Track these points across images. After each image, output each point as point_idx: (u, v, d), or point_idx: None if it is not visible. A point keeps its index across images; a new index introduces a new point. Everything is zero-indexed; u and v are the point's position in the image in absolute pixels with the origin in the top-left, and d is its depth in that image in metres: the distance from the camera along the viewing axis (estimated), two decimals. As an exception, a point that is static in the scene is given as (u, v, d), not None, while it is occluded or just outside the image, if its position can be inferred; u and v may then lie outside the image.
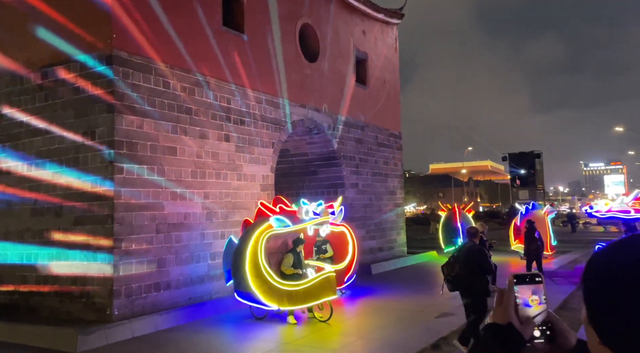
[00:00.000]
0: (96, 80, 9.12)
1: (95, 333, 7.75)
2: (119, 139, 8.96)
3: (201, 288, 10.25)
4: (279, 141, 12.83)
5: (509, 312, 1.06)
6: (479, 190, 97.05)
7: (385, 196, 17.49)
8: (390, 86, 18.54)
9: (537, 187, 37.70)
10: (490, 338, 1.04)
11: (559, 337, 1.05)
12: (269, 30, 12.76)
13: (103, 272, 8.73)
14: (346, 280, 10.57)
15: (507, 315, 1.06)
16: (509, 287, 1.09)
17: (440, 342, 7.27)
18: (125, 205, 8.96)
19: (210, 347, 7.55)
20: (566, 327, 1.07)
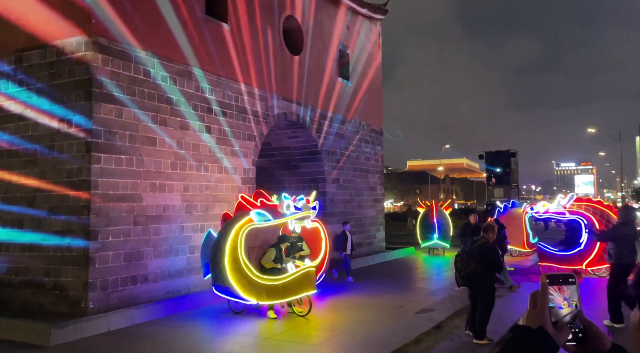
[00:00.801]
0: (74, 66, 8.83)
1: (70, 326, 7.55)
2: (97, 127, 8.71)
3: (179, 281, 10.10)
4: (261, 134, 12.70)
5: (542, 315, 1.02)
6: (454, 187, 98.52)
7: (365, 192, 17.54)
8: (372, 82, 18.56)
9: (512, 185, 38.44)
10: (520, 342, 1.00)
11: (591, 340, 1.02)
12: (252, 21, 12.59)
13: (78, 264, 8.49)
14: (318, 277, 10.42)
15: (540, 319, 1.02)
16: (542, 289, 1.05)
17: (422, 336, 7.32)
18: (103, 195, 8.73)
19: (189, 341, 7.43)
20: (599, 330, 1.04)
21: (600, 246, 11.66)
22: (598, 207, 12.64)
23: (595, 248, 11.89)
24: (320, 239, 10.22)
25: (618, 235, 7.92)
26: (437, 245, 18.01)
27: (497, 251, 7.25)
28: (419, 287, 12.11)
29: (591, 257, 12.00)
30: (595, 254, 11.94)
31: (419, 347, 6.91)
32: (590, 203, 13.01)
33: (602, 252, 11.62)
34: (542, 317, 1.02)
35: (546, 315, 1.02)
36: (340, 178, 16.12)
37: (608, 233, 8.38)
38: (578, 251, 12.13)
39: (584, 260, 12.05)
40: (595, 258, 12.00)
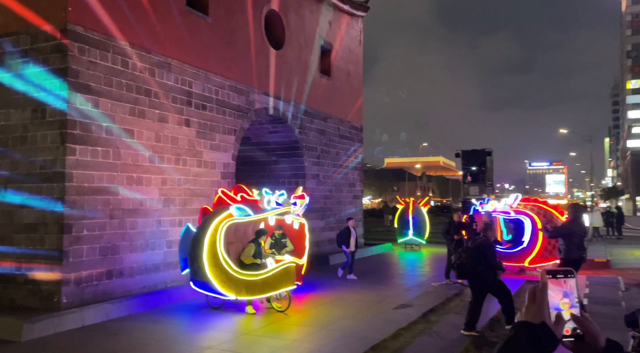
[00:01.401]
0: (48, 55, 8.57)
1: (42, 321, 7.36)
2: (72, 118, 8.49)
3: (156, 276, 9.95)
4: (242, 129, 12.59)
5: (543, 310, 1.02)
6: (431, 185, 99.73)
7: (345, 188, 17.59)
8: (353, 78, 18.59)
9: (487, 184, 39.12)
10: (523, 338, 1.00)
11: (588, 336, 1.02)
12: (234, 14, 12.44)
13: (51, 258, 8.28)
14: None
15: (541, 314, 1.02)
16: (542, 284, 1.05)
17: (400, 332, 7.39)
18: (77, 188, 8.52)
19: (166, 337, 7.34)
20: (596, 326, 1.04)
21: (542, 245, 12.17)
22: (542, 207, 13.18)
23: (536, 247, 12.35)
24: (304, 236, 10.08)
25: (567, 232, 8.36)
26: (413, 241, 18.33)
27: (491, 247, 7.48)
28: (396, 282, 12.23)
29: (533, 254, 12.44)
30: (537, 252, 12.39)
31: (397, 342, 6.97)
32: (536, 203, 13.51)
33: (544, 250, 12.22)
34: (542, 312, 1.02)
35: (546, 309, 1.02)
36: (320, 174, 16.12)
37: (558, 230, 8.81)
38: (521, 249, 12.57)
39: (526, 257, 12.48)
40: (537, 256, 12.44)
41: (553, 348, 1.00)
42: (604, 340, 1.03)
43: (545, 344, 0.99)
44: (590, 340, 1.02)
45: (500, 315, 8.44)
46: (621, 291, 10.40)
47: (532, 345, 0.99)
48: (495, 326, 7.84)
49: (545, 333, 1.00)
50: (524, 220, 12.67)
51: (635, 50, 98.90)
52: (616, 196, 70.30)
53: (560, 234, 8.60)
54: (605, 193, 73.01)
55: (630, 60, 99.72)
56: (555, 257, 12.50)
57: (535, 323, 1.01)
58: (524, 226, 12.67)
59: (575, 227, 8.40)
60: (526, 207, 13.07)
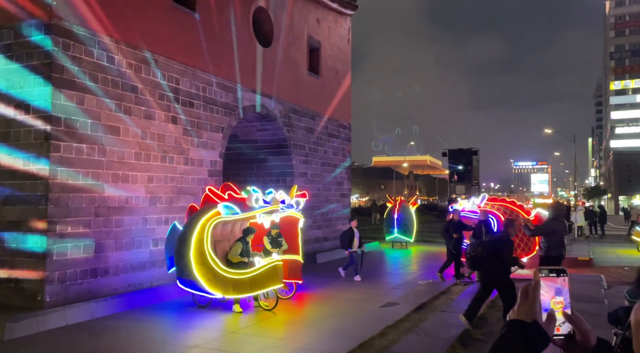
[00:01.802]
0: (32, 50, 8.42)
1: (25, 320, 7.24)
2: (57, 114, 8.36)
3: (142, 275, 9.86)
4: (229, 126, 12.52)
5: (534, 309, 1.02)
6: (418, 183, 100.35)
7: (333, 186, 17.60)
8: (341, 77, 18.60)
9: (473, 183, 39.46)
10: (515, 336, 1.00)
11: (580, 335, 1.03)
12: (222, 11, 12.36)
13: (34, 256, 8.15)
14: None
15: (533, 313, 1.02)
16: (534, 282, 1.05)
17: (387, 330, 7.42)
18: (62, 185, 8.39)
19: (151, 336, 7.27)
20: (586, 325, 1.04)
21: None
22: (509, 207, 13.48)
23: None
24: (296, 235, 10.05)
25: (548, 230, 8.51)
26: (398, 239, 18.54)
27: (507, 244, 7.50)
28: (383, 280, 12.27)
29: None
30: None
31: (384, 339, 7.00)
32: (503, 203, 13.84)
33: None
34: (534, 310, 1.02)
35: (538, 308, 1.03)
36: (308, 173, 16.11)
37: (540, 229, 8.97)
38: None
39: None
40: None
41: (544, 346, 1.01)
42: (595, 338, 1.03)
43: (537, 342, 0.99)
44: (581, 338, 1.03)
45: (486, 313, 8.53)
46: (604, 289, 10.58)
47: (524, 344, 0.99)
48: (481, 324, 7.91)
49: (537, 331, 1.00)
50: (491, 219, 12.93)
51: (619, 51, 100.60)
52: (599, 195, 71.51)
53: (542, 232, 8.74)
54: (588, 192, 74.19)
55: (613, 62, 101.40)
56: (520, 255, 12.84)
57: (527, 322, 1.01)
58: (491, 226, 12.76)
59: (556, 226, 8.55)
60: (493, 207, 13.35)
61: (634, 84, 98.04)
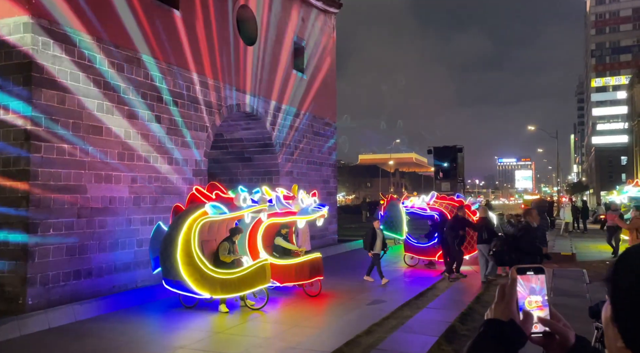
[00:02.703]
0: (11, 49, 8.27)
1: (7, 324, 7.12)
2: (37, 114, 8.22)
3: (126, 276, 9.75)
4: (214, 125, 12.44)
5: (511, 307, 1.02)
6: (404, 181, 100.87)
7: (319, 185, 17.60)
8: (326, 75, 18.59)
9: (458, 179, 39.81)
10: (491, 336, 1.00)
11: (557, 333, 1.02)
12: (205, 9, 12.26)
13: (15, 259, 8.02)
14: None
15: (509, 311, 1.02)
16: (511, 281, 1.05)
17: (374, 327, 7.45)
18: (43, 186, 8.26)
19: (137, 337, 7.20)
20: (562, 326, 1.03)
21: None
22: (454, 205, 13.86)
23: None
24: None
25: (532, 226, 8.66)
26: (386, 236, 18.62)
27: (530, 234, 7.51)
28: (370, 278, 12.31)
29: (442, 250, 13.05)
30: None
31: (370, 337, 7.04)
32: (450, 201, 14.31)
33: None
34: (511, 309, 1.02)
35: (514, 307, 1.02)
36: (294, 171, 16.09)
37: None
38: (432, 244, 13.22)
39: (437, 252, 13.08)
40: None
41: (521, 345, 1.00)
42: (573, 337, 1.03)
43: (513, 341, 0.99)
44: (559, 338, 1.02)
45: (473, 308, 8.61)
46: (586, 283, 10.75)
47: (500, 343, 0.99)
48: (466, 319, 7.99)
49: (513, 330, 1.00)
50: (438, 217, 13.37)
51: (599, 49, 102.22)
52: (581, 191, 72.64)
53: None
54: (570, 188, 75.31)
55: (594, 59, 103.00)
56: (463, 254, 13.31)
57: (503, 321, 1.01)
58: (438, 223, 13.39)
59: (540, 221, 8.71)
60: (441, 205, 13.77)
61: (614, 81, 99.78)
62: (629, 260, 0.90)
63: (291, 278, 9.46)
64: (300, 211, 9.66)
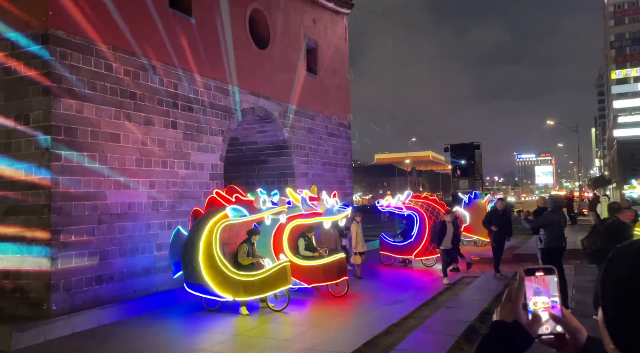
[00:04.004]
0: (30, 60, 8.47)
1: (32, 329, 7.29)
2: (56, 124, 8.40)
3: (146, 280, 9.90)
4: (229, 129, 12.55)
5: (516, 308, 1.01)
6: (421, 179, 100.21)
7: (334, 186, 17.60)
8: (340, 76, 18.59)
9: (476, 177, 39.40)
10: (496, 337, 1.00)
11: (567, 331, 1.01)
12: (218, 15, 12.38)
13: (39, 266, 8.20)
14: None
15: (514, 312, 1.01)
16: (518, 282, 1.04)
17: (392, 328, 7.43)
18: (64, 194, 8.44)
19: (158, 341, 7.31)
20: (573, 324, 1.02)
21: (427, 239, 12.90)
22: (431, 204, 14.14)
23: (422, 241, 13.13)
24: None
25: (548, 222, 8.49)
26: None
27: (629, 230, 7.08)
28: (388, 278, 12.27)
29: (419, 248, 13.20)
30: (422, 246, 13.16)
31: (389, 338, 7.01)
32: (426, 200, 14.46)
33: (429, 244, 12.95)
34: (516, 310, 1.01)
35: (520, 308, 1.01)
36: (310, 173, 16.12)
37: (539, 221, 8.96)
38: (409, 242, 13.32)
39: (413, 250, 13.20)
40: (422, 250, 13.22)
41: (527, 346, 1.00)
42: (584, 336, 1.02)
43: (518, 343, 0.99)
44: (570, 337, 1.01)
45: (492, 307, 8.52)
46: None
47: (505, 344, 0.98)
48: (485, 319, 7.91)
49: (518, 331, 0.99)
50: (414, 215, 13.55)
51: (619, 40, 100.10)
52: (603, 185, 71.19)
53: (541, 224, 8.73)
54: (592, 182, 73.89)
55: (614, 51, 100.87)
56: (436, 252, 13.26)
57: (507, 322, 1.01)
58: (414, 221, 13.54)
59: (555, 218, 8.55)
60: (417, 204, 13.93)
61: (635, 73, 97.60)
62: (615, 263, 0.89)
63: (319, 279, 9.49)
64: (325, 212, 9.71)
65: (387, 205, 14.14)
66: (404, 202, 13.86)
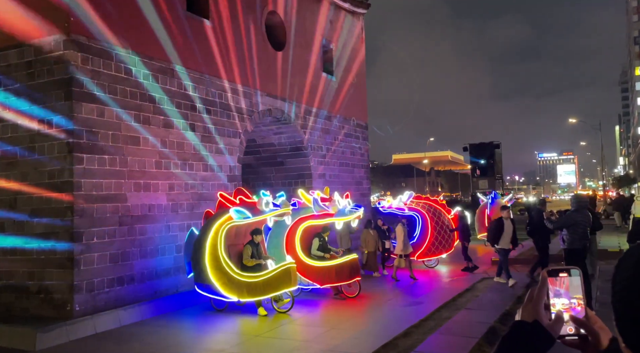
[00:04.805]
0: (52, 65, 8.65)
1: (55, 330, 7.44)
2: (79, 127, 8.56)
3: (167, 281, 10.01)
4: (246, 131, 12.62)
5: (537, 309, 1.01)
6: (440, 180, 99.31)
7: (352, 186, 17.56)
8: (356, 76, 18.55)
9: (496, 177, 38.87)
10: (516, 337, 0.99)
11: (588, 333, 1.00)
12: (235, 17, 12.47)
13: (62, 267, 8.36)
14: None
15: (534, 313, 1.00)
16: (540, 283, 1.04)
17: (411, 329, 7.37)
18: (86, 196, 8.60)
19: (178, 341, 7.39)
20: (595, 326, 1.00)
21: (430, 240, 13.01)
22: (432, 205, 14.04)
23: (425, 242, 13.12)
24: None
25: (571, 222, 8.31)
26: None
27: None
28: (406, 278, 12.19)
29: (422, 249, 13.15)
30: (425, 247, 13.15)
31: (408, 339, 6.96)
32: (427, 201, 14.38)
33: (431, 245, 13.08)
34: (537, 310, 1.01)
35: (540, 308, 1.01)
36: (327, 174, 16.12)
37: (562, 221, 8.77)
38: (411, 244, 13.01)
39: (416, 251, 13.05)
40: (425, 251, 13.20)
41: (547, 347, 0.99)
42: (607, 338, 1.00)
43: (538, 344, 0.98)
44: (593, 339, 1.00)
45: (513, 309, 8.39)
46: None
47: (525, 345, 0.98)
48: (507, 320, 7.79)
49: (538, 332, 0.98)
50: (416, 216, 13.47)
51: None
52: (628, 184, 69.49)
53: (564, 225, 8.56)
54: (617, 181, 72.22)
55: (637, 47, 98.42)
56: (440, 252, 13.30)
57: (527, 322, 1.00)
58: (415, 222, 13.48)
59: (578, 218, 8.35)
60: (418, 205, 13.87)
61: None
62: (624, 262, 0.89)
63: (331, 280, 9.52)
64: (337, 212, 9.73)
65: (389, 206, 14.07)
66: (406, 203, 13.84)
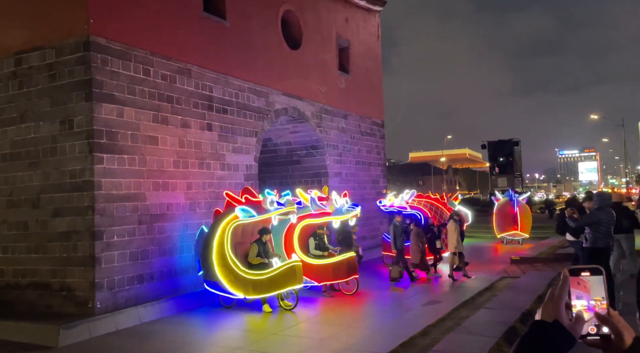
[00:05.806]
0: (73, 67, 8.81)
1: (78, 327, 7.59)
2: (99, 128, 8.71)
3: (185, 279, 10.13)
4: (263, 130, 12.68)
5: (557, 308, 0.99)
6: (457, 178, 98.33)
7: (368, 185, 17.52)
8: (372, 74, 18.48)
9: (515, 174, 38.31)
10: (535, 337, 0.98)
11: (614, 334, 0.98)
12: (251, 17, 12.53)
13: (84, 265, 8.52)
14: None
15: (555, 312, 0.99)
16: (562, 282, 1.02)
17: (429, 328, 7.32)
18: (106, 195, 8.74)
19: (197, 339, 7.47)
20: (619, 325, 0.99)
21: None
22: (434, 203, 14.05)
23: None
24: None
25: (594, 220, 8.12)
26: None
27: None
28: (424, 277, 12.11)
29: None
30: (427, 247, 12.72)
31: (426, 338, 6.92)
32: (429, 199, 14.33)
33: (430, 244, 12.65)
34: (557, 309, 0.99)
35: (561, 307, 0.99)
36: (343, 172, 16.10)
37: (585, 219, 8.55)
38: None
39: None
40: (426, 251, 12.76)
41: (568, 347, 0.97)
42: (631, 338, 0.99)
43: (557, 343, 0.96)
44: (615, 338, 0.99)
45: (533, 309, 8.27)
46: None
47: (544, 344, 0.97)
48: (527, 320, 7.68)
49: (557, 331, 0.97)
50: (418, 215, 13.36)
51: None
52: (651, 182, 67.92)
53: (587, 223, 8.37)
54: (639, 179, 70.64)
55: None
56: (443, 251, 12.97)
57: (547, 322, 0.99)
58: (420, 221, 13.20)
59: (601, 216, 8.14)
60: (420, 203, 13.82)
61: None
62: None
63: (329, 278, 9.59)
64: (334, 211, 9.75)
65: (391, 204, 13.94)
66: (408, 202, 13.77)
